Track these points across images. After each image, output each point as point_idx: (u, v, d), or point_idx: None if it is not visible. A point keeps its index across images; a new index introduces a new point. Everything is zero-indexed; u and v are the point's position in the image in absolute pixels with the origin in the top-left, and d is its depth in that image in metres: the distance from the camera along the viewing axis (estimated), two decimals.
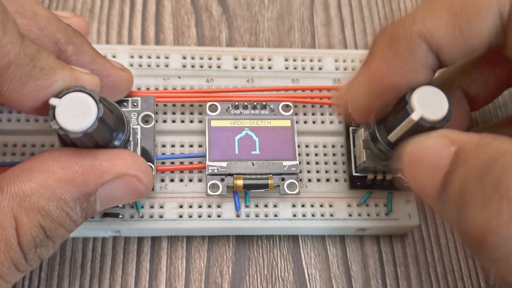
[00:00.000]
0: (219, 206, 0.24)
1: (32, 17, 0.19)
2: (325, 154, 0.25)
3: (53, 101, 0.17)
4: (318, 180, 0.25)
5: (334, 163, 0.25)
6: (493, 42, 0.19)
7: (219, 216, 0.24)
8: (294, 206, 0.24)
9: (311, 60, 0.27)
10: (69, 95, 0.17)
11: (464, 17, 0.18)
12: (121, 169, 0.18)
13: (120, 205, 0.23)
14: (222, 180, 0.23)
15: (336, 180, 0.25)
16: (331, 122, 0.26)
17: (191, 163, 0.24)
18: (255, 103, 0.25)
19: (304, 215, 0.24)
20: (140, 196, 0.20)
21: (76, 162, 0.18)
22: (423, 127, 0.18)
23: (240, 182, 0.23)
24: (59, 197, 0.17)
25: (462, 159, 0.16)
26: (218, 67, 0.26)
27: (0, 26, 0.16)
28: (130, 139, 0.21)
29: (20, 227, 0.17)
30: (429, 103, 0.18)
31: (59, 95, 0.17)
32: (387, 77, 0.19)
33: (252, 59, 0.27)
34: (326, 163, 0.25)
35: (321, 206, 0.24)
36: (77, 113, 0.17)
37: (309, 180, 0.25)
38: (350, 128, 0.25)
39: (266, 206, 0.24)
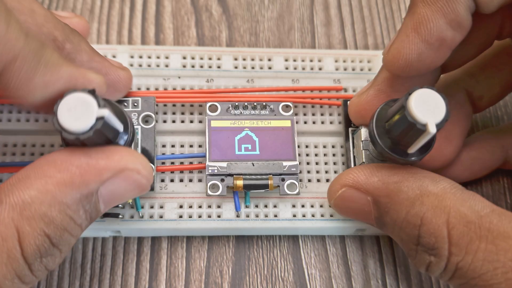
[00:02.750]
0: (219, 207, 0.24)
1: (29, 14, 0.19)
2: (325, 155, 0.25)
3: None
4: (318, 180, 0.25)
5: (334, 163, 0.25)
6: None
7: (219, 216, 0.24)
8: (294, 206, 0.24)
9: (311, 60, 0.27)
10: (71, 96, 0.17)
11: None
12: (119, 164, 0.18)
13: (120, 205, 0.23)
14: (222, 180, 0.23)
15: None
16: (331, 123, 0.26)
17: (191, 163, 0.24)
18: (255, 103, 0.25)
19: (304, 215, 0.24)
20: (142, 190, 0.19)
21: (72, 163, 0.17)
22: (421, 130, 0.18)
23: (240, 183, 0.23)
24: (61, 201, 0.17)
25: (384, 210, 0.20)
26: (218, 67, 0.26)
27: (3, 22, 0.16)
28: (133, 139, 0.21)
29: (23, 237, 0.16)
30: (427, 106, 0.18)
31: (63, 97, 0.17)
32: (432, 20, 0.19)
33: (252, 59, 0.27)
34: (326, 163, 0.25)
35: (321, 206, 0.24)
36: (79, 114, 0.17)
37: (309, 181, 0.25)
38: (350, 129, 0.25)
39: (266, 206, 0.24)
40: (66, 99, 0.17)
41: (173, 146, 0.25)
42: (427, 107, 0.18)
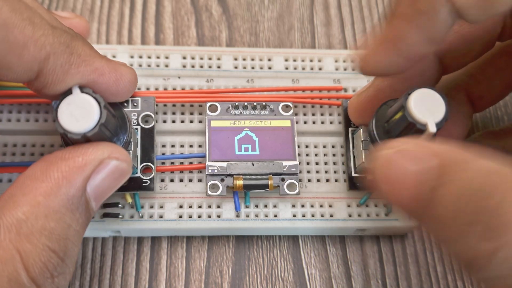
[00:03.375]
0: (219, 207, 0.24)
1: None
2: (325, 155, 0.25)
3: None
4: (318, 180, 0.25)
5: (334, 163, 0.25)
6: None
7: (219, 216, 0.24)
8: (294, 206, 0.24)
9: (311, 60, 0.27)
10: (75, 97, 0.17)
11: None
12: (96, 156, 0.17)
13: (120, 205, 0.23)
14: (222, 180, 0.23)
15: (336, 181, 0.25)
16: (331, 123, 0.26)
17: (191, 163, 0.24)
18: (255, 103, 0.25)
19: (304, 216, 0.24)
20: (126, 175, 0.19)
21: (52, 169, 0.17)
22: (422, 131, 0.18)
23: (240, 183, 0.23)
24: (55, 210, 0.16)
25: (449, 178, 0.16)
26: (218, 67, 0.26)
27: (27, 22, 0.16)
28: (131, 139, 0.21)
29: (26, 257, 0.15)
30: (427, 106, 0.18)
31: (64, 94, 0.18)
32: (410, 35, 0.18)
33: (252, 59, 0.27)
34: (326, 163, 0.25)
35: (321, 206, 0.24)
36: (80, 115, 0.17)
37: (309, 181, 0.25)
38: (349, 129, 0.25)
39: (266, 206, 0.24)
40: (65, 102, 0.17)
41: (173, 146, 0.25)
42: (427, 107, 0.18)
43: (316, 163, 0.25)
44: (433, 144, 0.17)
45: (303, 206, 0.24)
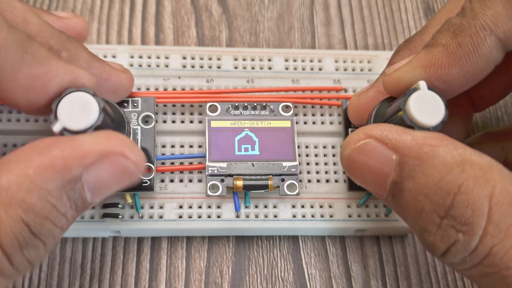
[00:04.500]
0: (218, 207, 0.24)
1: (23, 24, 0.19)
2: (325, 155, 0.25)
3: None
4: (318, 181, 0.25)
5: (334, 164, 0.25)
6: None
7: (218, 216, 0.24)
8: (293, 206, 0.24)
9: (311, 61, 0.27)
10: (72, 95, 0.17)
11: None
12: (104, 147, 0.16)
13: (120, 205, 0.23)
14: (222, 180, 0.23)
15: (336, 181, 0.25)
16: (331, 123, 0.26)
17: (191, 163, 0.24)
18: (255, 104, 0.25)
19: (303, 216, 0.24)
20: (131, 176, 0.17)
21: (56, 146, 0.16)
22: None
23: (240, 183, 0.23)
24: (40, 187, 0.15)
25: (409, 173, 0.17)
26: (218, 67, 0.26)
27: None
28: (130, 139, 0.21)
29: None
30: (425, 107, 0.18)
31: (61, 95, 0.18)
32: (446, 66, 0.18)
33: (252, 60, 0.27)
34: (326, 164, 0.25)
35: (321, 207, 0.24)
36: (78, 115, 0.17)
37: (309, 181, 0.25)
38: (349, 129, 0.25)
39: (266, 206, 0.24)
40: (65, 100, 0.17)
41: (173, 146, 0.25)
42: (426, 108, 0.18)
43: (316, 164, 0.25)
44: (398, 136, 0.17)
45: (303, 206, 0.24)
